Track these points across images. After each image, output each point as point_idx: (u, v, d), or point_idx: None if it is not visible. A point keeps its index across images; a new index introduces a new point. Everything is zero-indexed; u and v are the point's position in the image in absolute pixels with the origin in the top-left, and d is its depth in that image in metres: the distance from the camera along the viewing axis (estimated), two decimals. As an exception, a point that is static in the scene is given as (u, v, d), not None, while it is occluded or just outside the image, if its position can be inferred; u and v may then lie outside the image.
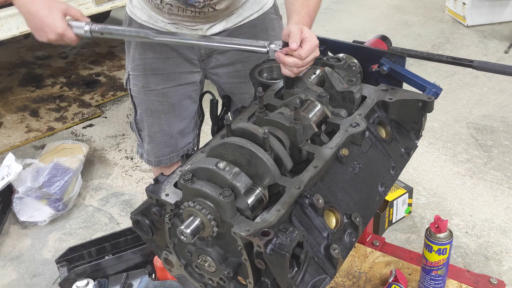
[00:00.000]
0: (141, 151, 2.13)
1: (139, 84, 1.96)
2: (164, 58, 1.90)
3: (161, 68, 1.92)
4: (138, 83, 1.96)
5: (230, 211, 1.06)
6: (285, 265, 1.01)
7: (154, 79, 1.93)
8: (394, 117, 1.44)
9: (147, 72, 1.93)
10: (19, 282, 2.58)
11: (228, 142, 1.15)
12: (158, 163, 2.07)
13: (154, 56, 1.90)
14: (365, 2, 5.81)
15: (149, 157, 2.08)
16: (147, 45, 1.89)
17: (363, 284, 1.87)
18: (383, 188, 1.34)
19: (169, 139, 2.02)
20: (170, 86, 1.94)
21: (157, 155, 2.06)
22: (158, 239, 1.27)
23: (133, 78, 1.97)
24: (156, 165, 2.08)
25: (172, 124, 1.99)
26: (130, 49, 1.95)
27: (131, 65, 1.96)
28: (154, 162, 2.08)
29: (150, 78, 1.93)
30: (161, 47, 1.88)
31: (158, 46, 1.88)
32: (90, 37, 1.56)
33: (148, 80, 1.93)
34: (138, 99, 2.00)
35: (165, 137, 2.01)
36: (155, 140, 2.03)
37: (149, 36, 1.56)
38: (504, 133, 3.41)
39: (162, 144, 2.03)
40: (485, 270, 2.42)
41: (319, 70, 1.46)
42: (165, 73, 1.92)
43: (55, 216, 2.93)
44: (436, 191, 2.94)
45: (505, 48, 4.55)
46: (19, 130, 3.84)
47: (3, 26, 3.25)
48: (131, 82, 1.99)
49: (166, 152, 2.04)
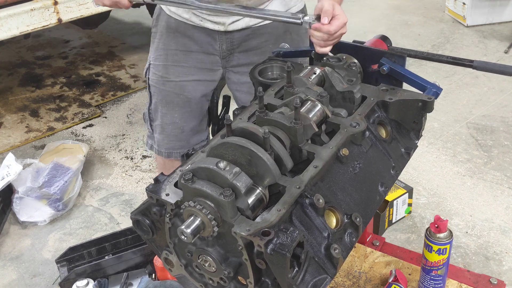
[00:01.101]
0: (150, 143, 2.14)
1: (158, 73, 1.99)
2: (186, 51, 1.93)
3: (182, 61, 1.95)
4: (158, 72, 1.99)
5: (231, 211, 1.06)
6: (285, 265, 1.01)
7: (174, 70, 1.96)
8: (394, 117, 1.44)
9: (168, 62, 1.96)
10: (19, 282, 2.58)
11: (228, 142, 1.15)
12: (169, 155, 2.09)
13: (176, 48, 1.93)
14: (365, 2, 5.81)
15: (160, 148, 2.09)
16: (171, 36, 1.93)
17: (363, 284, 1.87)
18: (383, 188, 1.34)
19: (180, 133, 2.03)
20: (188, 79, 1.96)
21: (167, 147, 2.07)
22: (158, 239, 1.27)
23: (154, 67, 2.00)
24: (166, 157, 2.09)
25: (185, 119, 2.01)
26: (155, 39, 1.99)
27: (153, 55, 2.00)
28: (165, 153, 2.09)
29: (170, 68, 1.96)
30: (185, 39, 1.91)
31: (181, 39, 1.91)
32: (142, 3, 1.68)
33: (168, 70, 1.96)
34: (155, 89, 2.02)
35: (177, 131, 2.03)
36: (166, 131, 2.04)
37: (192, 4, 1.65)
38: (504, 133, 3.41)
39: (173, 137, 2.04)
40: (485, 270, 2.42)
41: (319, 70, 1.46)
42: (186, 66, 1.95)
43: (55, 216, 2.93)
44: (436, 191, 2.95)
45: (505, 48, 4.55)
46: (19, 130, 3.84)
47: (3, 26, 3.24)
48: (151, 71, 2.02)
49: (176, 145, 2.06)
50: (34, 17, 3.33)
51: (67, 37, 5.40)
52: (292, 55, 1.73)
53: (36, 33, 5.15)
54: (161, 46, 1.97)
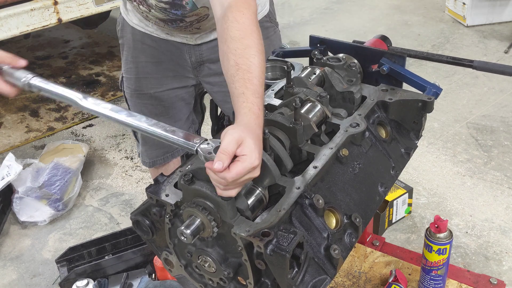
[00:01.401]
0: (138, 151, 2.15)
1: (131, 87, 1.95)
2: (156, 62, 1.88)
3: (153, 72, 1.89)
4: (131, 86, 1.95)
5: (230, 211, 1.06)
6: (285, 266, 1.01)
7: (146, 82, 1.91)
8: (394, 117, 1.44)
9: (139, 75, 1.92)
10: (19, 282, 2.58)
11: (227, 142, 1.14)
12: (153, 164, 2.08)
13: (146, 60, 1.88)
14: (365, 2, 5.81)
15: (144, 159, 2.09)
16: (139, 49, 1.87)
17: (363, 284, 1.87)
18: (383, 188, 1.34)
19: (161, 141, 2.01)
20: (162, 90, 1.92)
21: (151, 157, 2.06)
22: (158, 239, 1.27)
23: (126, 81, 1.97)
24: (150, 166, 2.09)
25: None
26: (123, 51, 1.95)
27: (124, 67, 1.96)
28: (149, 163, 2.09)
29: (143, 81, 1.91)
30: (153, 51, 1.86)
31: (149, 50, 1.86)
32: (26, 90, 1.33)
33: (140, 83, 1.92)
34: (131, 102, 1.99)
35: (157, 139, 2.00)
36: (147, 142, 2.03)
37: (77, 104, 1.26)
38: (504, 133, 3.41)
39: (155, 146, 2.02)
40: (485, 270, 2.42)
41: (319, 70, 1.46)
42: (158, 76, 1.90)
43: (55, 216, 2.93)
44: (436, 191, 2.94)
45: (505, 48, 4.55)
46: (19, 130, 3.84)
47: (3, 26, 3.24)
48: (124, 84, 1.99)
49: (160, 153, 2.04)
50: (34, 17, 3.33)
51: (67, 37, 5.40)
52: (292, 55, 1.72)
53: (36, 33, 5.15)
54: (130, 59, 1.91)
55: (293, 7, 5.82)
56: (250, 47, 1.21)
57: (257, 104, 1.13)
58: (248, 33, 1.23)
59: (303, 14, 5.65)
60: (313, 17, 5.57)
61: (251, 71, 1.17)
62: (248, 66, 1.18)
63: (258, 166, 1.04)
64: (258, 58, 1.20)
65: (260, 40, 1.24)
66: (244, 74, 1.17)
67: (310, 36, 1.70)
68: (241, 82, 1.16)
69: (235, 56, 1.20)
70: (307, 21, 5.48)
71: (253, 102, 1.13)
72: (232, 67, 1.20)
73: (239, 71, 1.18)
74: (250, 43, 1.21)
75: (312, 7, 5.79)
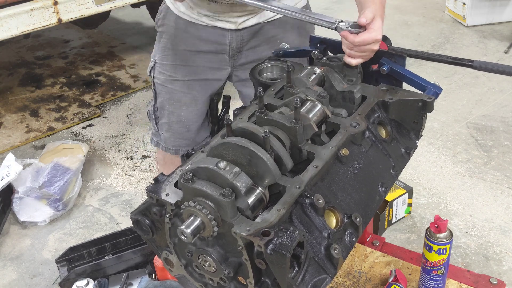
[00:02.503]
0: (156, 140, 2.16)
1: (166, 73, 2.00)
2: (195, 51, 1.94)
3: (190, 60, 1.96)
4: (166, 72, 2.00)
5: (231, 211, 1.06)
6: (285, 265, 1.01)
7: (182, 70, 1.97)
8: (394, 117, 1.44)
9: (176, 62, 1.97)
10: (19, 282, 2.58)
11: (228, 142, 1.15)
12: (176, 151, 2.11)
13: (185, 48, 1.94)
14: (365, 2, 5.80)
15: (167, 145, 2.12)
16: (180, 37, 1.94)
17: (363, 284, 1.87)
18: (383, 188, 1.34)
19: (186, 131, 2.05)
20: (196, 79, 1.98)
21: (174, 144, 2.10)
22: (158, 239, 1.27)
23: (160, 67, 2.01)
24: (174, 153, 2.12)
25: (191, 117, 2.03)
26: (161, 39, 2.00)
27: (160, 54, 2.01)
28: (172, 150, 2.11)
29: (179, 68, 1.97)
30: (194, 40, 1.92)
31: (191, 39, 1.92)
32: None
33: (176, 70, 1.97)
34: (162, 87, 2.03)
35: (183, 129, 2.05)
36: (173, 129, 2.07)
37: None
38: (504, 133, 3.41)
39: (179, 135, 2.07)
40: (485, 270, 2.42)
41: (319, 70, 1.46)
42: (194, 65, 1.96)
43: (55, 216, 2.93)
44: (436, 191, 2.94)
45: (505, 48, 4.55)
46: (19, 130, 3.84)
47: (3, 26, 3.24)
48: (157, 70, 2.03)
49: (183, 143, 2.08)
50: (34, 17, 3.33)
51: (67, 37, 5.40)
52: (292, 55, 1.73)
53: (36, 33, 5.15)
54: (169, 46, 1.97)
55: (293, 7, 5.82)
56: None
57: (381, 11, 1.46)
58: None
59: (303, 14, 5.65)
60: (313, 17, 5.56)
61: None
62: None
63: (379, 40, 1.40)
64: None
65: None
66: None
67: (310, 36, 1.70)
68: None
69: None
70: (307, 21, 5.48)
71: (378, 6, 1.46)
72: None
73: None
74: None
75: (312, 7, 5.78)
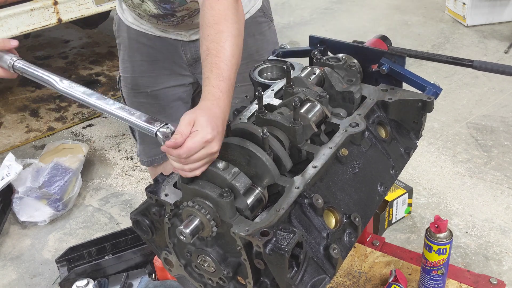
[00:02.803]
0: (136, 151, 2.16)
1: (128, 86, 1.97)
2: (152, 60, 1.89)
3: (149, 71, 1.91)
4: (128, 85, 1.97)
5: (230, 211, 1.06)
6: (284, 265, 1.01)
7: (142, 81, 1.93)
8: (394, 117, 1.44)
9: (135, 74, 1.93)
10: (19, 282, 2.58)
11: (227, 142, 1.15)
12: (151, 162, 2.09)
13: (141, 59, 1.90)
14: (365, 2, 5.80)
15: (142, 157, 2.10)
16: (134, 48, 1.89)
17: (363, 284, 1.87)
18: (383, 188, 1.34)
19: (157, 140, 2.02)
20: (159, 88, 1.94)
21: (149, 155, 2.07)
22: (157, 239, 1.27)
23: (123, 80, 1.98)
24: (148, 165, 2.10)
25: None
26: (120, 51, 1.96)
27: (121, 67, 1.97)
28: (147, 162, 2.09)
29: (139, 80, 1.93)
30: (148, 49, 1.87)
31: (145, 49, 1.87)
32: None
33: (137, 82, 1.94)
34: (128, 101, 2.00)
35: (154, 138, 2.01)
36: (145, 141, 2.04)
37: (54, 86, 1.33)
38: (504, 133, 3.41)
39: (153, 144, 2.03)
40: (485, 270, 2.41)
41: (318, 70, 1.45)
42: (153, 75, 1.91)
43: (55, 216, 2.93)
44: (436, 191, 2.94)
45: (505, 48, 4.54)
46: (19, 130, 3.84)
47: (3, 26, 3.24)
48: (122, 83, 2.00)
49: (158, 151, 2.05)
50: (34, 17, 3.33)
51: (67, 37, 5.40)
52: (292, 55, 1.72)
53: (36, 33, 5.15)
54: (126, 58, 1.93)
55: (293, 7, 5.82)
56: (222, 32, 1.24)
57: (219, 87, 1.18)
58: (222, 19, 1.26)
59: (303, 14, 5.65)
60: (313, 17, 5.56)
61: (219, 56, 1.21)
62: (217, 50, 1.22)
63: (212, 140, 1.08)
64: (230, 41, 1.23)
65: (235, 24, 1.27)
66: (212, 59, 1.21)
67: (310, 36, 1.70)
68: (208, 67, 1.21)
69: (207, 42, 1.24)
70: (307, 21, 5.48)
71: (214, 85, 1.18)
72: (203, 52, 1.24)
73: (208, 56, 1.22)
74: (223, 28, 1.25)
75: (312, 7, 5.79)
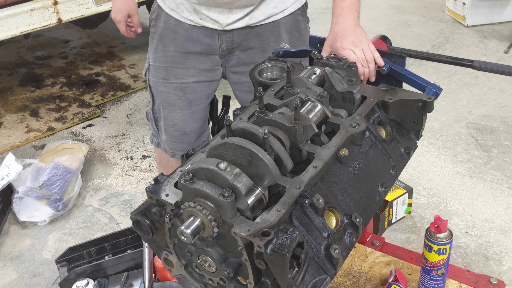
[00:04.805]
0: (157, 141, 2.16)
1: (159, 75, 1.99)
2: (185, 52, 1.93)
3: (181, 62, 1.94)
4: (159, 74, 1.99)
5: (231, 211, 1.06)
6: (285, 265, 1.01)
7: (174, 71, 1.96)
8: (394, 117, 1.44)
9: (168, 64, 1.96)
10: (19, 282, 2.58)
11: (228, 142, 1.14)
12: (173, 155, 2.11)
13: (175, 50, 1.93)
14: (365, 2, 5.80)
15: (166, 147, 2.12)
16: (170, 38, 1.92)
17: (363, 284, 1.87)
18: (383, 188, 1.34)
19: (181, 135, 2.04)
20: (189, 81, 1.96)
21: (171, 147, 2.10)
22: (158, 239, 1.27)
23: (154, 69, 2.00)
24: (171, 156, 2.12)
25: (186, 121, 2.02)
26: (154, 40, 1.99)
27: (152, 56, 2.00)
28: (170, 153, 2.12)
29: (171, 70, 1.96)
30: (184, 41, 1.91)
31: (181, 40, 1.91)
32: None
33: (168, 72, 1.96)
34: (156, 90, 2.03)
35: (178, 132, 2.04)
36: (168, 133, 2.06)
37: None
38: (504, 133, 3.41)
39: (175, 138, 2.06)
40: (485, 270, 2.42)
41: (319, 70, 1.45)
42: (185, 67, 1.95)
43: (55, 216, 2.93)
44: (436, 191, 2.94)
45: (505, 48, 4.55)
46: (19, 130, 3.84)
47: (3, 26, 3.25)
48: (151, 72, 2.02)
49: (178, 147, 2.07)
50: (34, 17, 3.33)
51: (67, 37, 5.40)
52: (292, 55, 1.73)
53: (36, 33, 5.15)
54: (160, 47, 1.96)
55: (293, 7, 5.82)
56: None
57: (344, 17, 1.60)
58: None
59: (303, 14, 5.65)
60: (313, 17, 5.55)
61: None
62: None
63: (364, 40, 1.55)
64: None
65: None
66: None
67: (310, 36, 1.70)
68: None
69: None
70: (307, 21, 5.48)
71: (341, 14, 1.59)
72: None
73: None
74: None
75: (312, 7, 5.76)
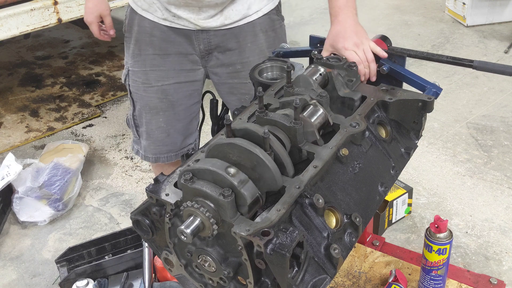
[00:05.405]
0: (137, 148, 2.13)
1: (139, 80, 1.96)
2: (163, 54, 1.90)
3: (160, 65, 1.92)
4: (138, 79, 1.96)
5: (230, 211, 1.06)
6: (285, 265, 1.01)
7: (154, 75, 1.93)
8: (394, 117, 1.44)
9: (146, 68, 1.93)
10: (19, 282, 2.58)
11: (236, 144, 1.13)
12: (156, 160, 2.07)
13: (154, 52, 1.90)
14: (365, 2, 5.80)
15: (147, 153, 2.08)
16: (147, 41, 1.90)
17: (363, 284, 1.87)
18: (383, 188, 1.34)
19: (166, 137, 2.02)
20: (170, 83, 1.94)
21: (154, 152, 2.06)
22: (158, 239, 1.27)
23: (133, 74, 1.97)
24: (154, 162, 2.09)
25: (170, 122, 1.99)
26: (130, 45, 1.96)
27: (131, 61, 1.97)
28: (152, 158, 2.08)
29: (150, 74, 1.93)
30: (161, 43, 1.88)
31: (157, 42, 1.88)
32: None
33: (148, 76, 1.94)
34: (137, 95, 1.99)
35: (163, 135, 2.01)
36: (152, 137, 2.03)
37: None
38: (504, 133, 3.41)
39: (159, 142, 2.03)
40: (485, 270, 2.42)
41: (323, 69, 1.45)
42: (165, 69, 1.92)
43: (55, 216, 2.93)
44: (436, 191, 2.94)
45: (505, 48, 4.55)
46: (19, 130, 3.84)
47: (3, 26, 3.24)
48: (130, 77, 1.99)
49: (163, 150, 2.04)
50: (34, 17, 3.33)
51: (67, 37, 5.40)
52: (292, 55, 1.72)
53: (36, 33, 5.15)
54: (136, 51, 1.93)
55: (293, 7, 5.82)
56: None
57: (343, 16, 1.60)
58: None
59: (303, 14, 5.65)
60: (313, 17, 5.57)
61: None
62: None
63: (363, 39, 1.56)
64: None
65: None
66: None
67: (310, 36, 1.70)
68: None
69: None
70: (307, 21, 5.49)
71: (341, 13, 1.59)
72: None
73: None
74: None
75: (312, 7, 5.79)
